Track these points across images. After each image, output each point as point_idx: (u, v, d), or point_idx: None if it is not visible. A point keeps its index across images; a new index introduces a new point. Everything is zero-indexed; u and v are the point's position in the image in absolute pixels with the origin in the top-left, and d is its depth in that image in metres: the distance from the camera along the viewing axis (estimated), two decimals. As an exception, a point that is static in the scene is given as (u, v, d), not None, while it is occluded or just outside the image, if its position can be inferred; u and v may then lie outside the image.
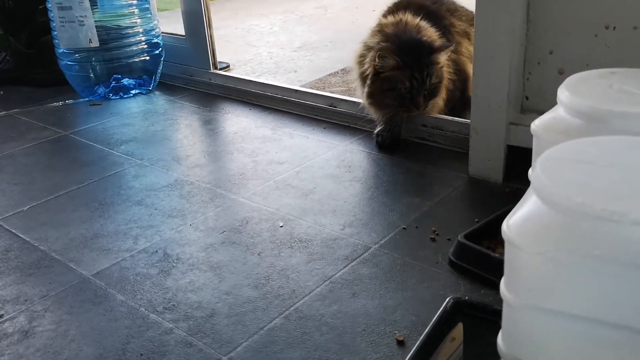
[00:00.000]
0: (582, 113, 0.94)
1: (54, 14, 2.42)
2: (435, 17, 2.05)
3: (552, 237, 0.70)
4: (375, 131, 1.99)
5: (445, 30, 2.04)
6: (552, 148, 0.81)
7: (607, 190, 0.70)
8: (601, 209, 0.66)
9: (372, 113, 2.00)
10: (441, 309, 1.12)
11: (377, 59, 1.86)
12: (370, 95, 1.92)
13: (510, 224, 0.74)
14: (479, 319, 1.12)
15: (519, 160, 1.62)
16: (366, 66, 1.94)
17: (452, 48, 1.94)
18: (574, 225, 0.68)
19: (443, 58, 1.90)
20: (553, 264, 0.70)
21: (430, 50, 1.88)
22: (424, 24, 1.98)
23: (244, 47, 3.31)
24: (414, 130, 1.99)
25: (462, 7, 2.19)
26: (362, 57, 1.98)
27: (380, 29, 1.99)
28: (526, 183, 0.78)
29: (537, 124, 0.99)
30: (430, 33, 1.96)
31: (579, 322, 0.70)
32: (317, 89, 2.43)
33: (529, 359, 0.77)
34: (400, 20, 1.98)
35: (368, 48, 1.96)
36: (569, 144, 0.82)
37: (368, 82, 1.92)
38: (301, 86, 2.50)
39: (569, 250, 0.68)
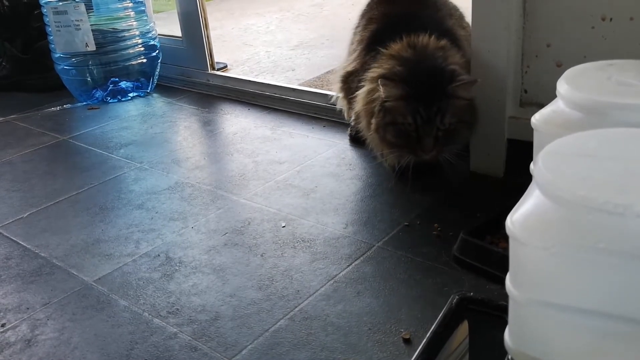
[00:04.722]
0: (581, 106, 0.94)
1: (50, 18, 2.41)
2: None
3: (556, 232, 0.69)
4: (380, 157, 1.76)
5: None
6: (553, 142, 0.80)
7: (610, 182, 0.69)
8: (604, 201, 0.66)
9: (376, 149, 1.71)
10: (446, 305, 1.11)
11: (381, 86, 1.54)
12: (376, 129, 1.60)
13: (514, 220, 0.74)
14: (485, 315, 1.11)
15: (519, 154, 1.61)
16: (378, 95, 1.59)
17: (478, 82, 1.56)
18: (577, 218, 0.68)
19: (468, 92, 1.56)
20: (558, 258, 0.69)
21: (451, 79, 1.53)
22: (446, 44, 1.63)
23: (241, 47, 3.30)
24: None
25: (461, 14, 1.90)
26: (370, 92, 1.63)
27: (392, 55, 1.62)
28: (527, 177, 0.78)
29: (537, 118, 0.99)
30: (457, 58, 1.62)
31: (585, 315, 0.70)
32: (316, 87, 2.42)
33: (536, 353, 0.77)
34: (417, 42, 1.62)
35: (379, 77, 1.59)
36: (569, 137, 0.81)
37: (375, 111, 1.59)
38: (299, 85, 2.50)
39: (573, 244, 0.68)
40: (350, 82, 1.82)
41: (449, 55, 1.60)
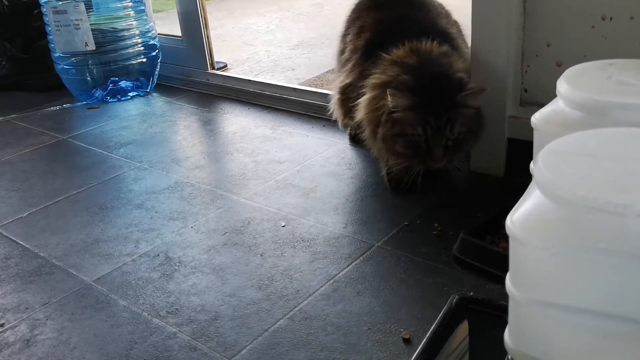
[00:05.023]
0: (581, 105, 0.93)
1: (49, 18, 2.41)
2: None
3: (556, 232, 0.69)
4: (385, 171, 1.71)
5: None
6: (553, 141, 0.80)
7: (610, 182, 0.69)
8: (605, 201, 0.66)
9: (382, 158, 1.68)
10: (446, 305, 1.11)
11: (388, 94, 1.48)
12: (383, 139, 1.55)
13: (514, 220, 0.74)
14: (485, 315, 1.11)
15: (519, 154, 1.61)
16: (382, 103, 1.55)
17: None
18: (577, 218, 0.68)
19: (476, 101, 1.52)
20: (558, 258, 0.69)
21: (459, 88, 1.49)
22: (448, 50, 1.61)
23: (241, 47, 3.30)
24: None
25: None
26: (372, 100, 1.58)
27: (395, 61, 1.58)
28: (527, 176, 0.78)
29: (537, 117, 0.99)
30: (460, 65, 1.59)
31: (585, 315, 0.69)
32: (316, 87, 2.42)
33: (536, 354, 0.77)
34: (419, 48, 1.59)
35: (383, 84, 1.56)
36: (570, 137, 0.81)
37: (382, 121, 1.54)
38: (299, 84, 2.49)
39: (573, 244, 0.68)
40: (349, 92, 1.76)
41: (453, 62, 1.57)
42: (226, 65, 2.79)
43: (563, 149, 0.78)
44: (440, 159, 1.50)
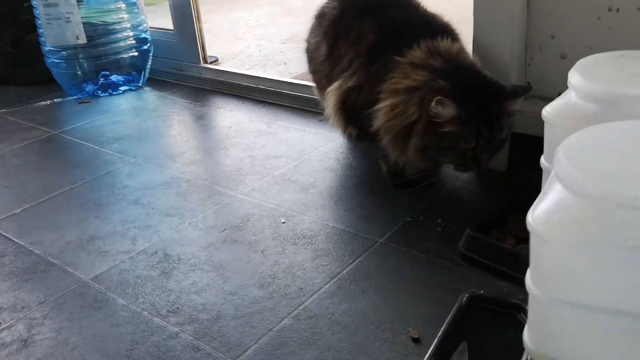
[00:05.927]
0: (596, 97, 0.92)
1: (40, 11, 2.37)
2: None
3: (581, 228, 0.67)
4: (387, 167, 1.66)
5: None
6: (572, 135, 0.78)
7: (637, 177, 0.67)
8: (634, 197, 0.63)
9: (413, 167, 1.59)
10: (456, 304, 1.10)
11: (435, 104, 1.36)
12: (420, 150, 1.47)
13: (536, 216, 0.72)
14: (495, 313, 1.09)
15: (523, 148, 1.59)
16: (411, 110, 1.44)
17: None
18: (604, 214, 0.66)
19: (515, 103, 1.49)
20: (583, 255, 0.67)
21: (501, 95, 1.43)
22: (461, 46, 1.55)
23: (231, 41, 3.27)
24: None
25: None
26: (395, 106, 1.47)
27: (416, 64, 1.48)
28: (531, 171, 0.75)
29: (548, 111, 0.97)
30: (476, 60, 1.55)
31: (611, 316, 0.68)
32: (309, 81, 2.39)
33: (558, 355, 0.75)
34: (438, 48, 1.50)
35: (408, 90, 1.46)
36: (589, 130, 0.79)
37: (418, 131, 1.44)
38: (292, 78, 2.46)
39: (600, 241, 0.66)
40: (354, 96, 1.62)
41: (474, 62, 1.52)
42: (217, 60, 2.75)
43: (584, 143, 0.76)
44: (486, 163, 1.46)
